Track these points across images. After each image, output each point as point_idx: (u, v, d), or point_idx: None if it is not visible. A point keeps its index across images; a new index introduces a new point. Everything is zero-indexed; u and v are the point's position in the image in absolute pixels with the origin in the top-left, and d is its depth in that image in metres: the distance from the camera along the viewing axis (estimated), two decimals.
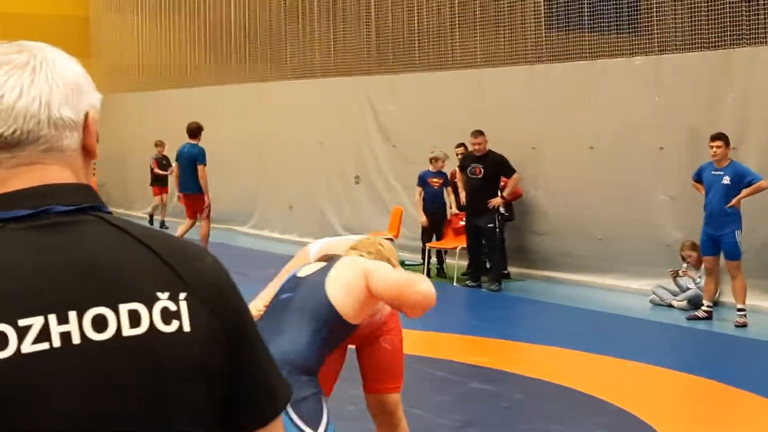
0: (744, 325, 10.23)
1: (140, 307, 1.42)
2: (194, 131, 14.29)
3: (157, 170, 19.56)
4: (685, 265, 11.51)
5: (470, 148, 12.97)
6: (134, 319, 1.41)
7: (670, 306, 11.40)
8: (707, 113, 11.47)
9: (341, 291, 4.07)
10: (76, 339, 1.38)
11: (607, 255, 12.61)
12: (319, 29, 17.69)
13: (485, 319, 10.85)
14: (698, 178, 10.48)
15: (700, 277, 11.34)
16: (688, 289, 11.39)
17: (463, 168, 13.05)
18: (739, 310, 10.32)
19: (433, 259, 14.05)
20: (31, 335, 1.35)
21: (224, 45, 20.21)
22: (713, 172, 10.28)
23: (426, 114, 15.00)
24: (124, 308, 1.41)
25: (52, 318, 1.37)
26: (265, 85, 18.77)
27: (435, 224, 13.86)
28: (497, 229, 12.72)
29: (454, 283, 13.11)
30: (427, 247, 13.76)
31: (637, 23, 12.68)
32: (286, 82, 18.29)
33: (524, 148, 13.19)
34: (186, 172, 14.22)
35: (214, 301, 1.48)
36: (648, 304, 11.59)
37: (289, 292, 4.23)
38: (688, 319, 10.52)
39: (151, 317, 1.42)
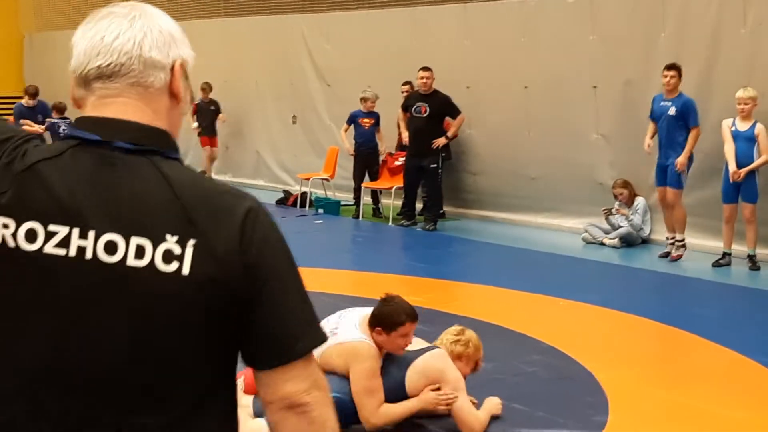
0: (679, 258, 10.43)
1: (147, 244, 1.64)
2: None
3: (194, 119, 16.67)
4: (617, 203, 11.65)
5: (416, 84, 12.86)
6: (140, 252, 1.64)
7: (602, 244, 11.55)
8: (640, 51, 11.54)
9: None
10: (88, 254, 1.64)
11: (541, 194, 12.70)
12: None
13: (420, 258, 10.90)
14: (652, 113, 10.59)
15: (632, 214, 11.49)
16: (620, 227, 11.53)
17: (407, 107, 12.95)
18: (678, 240, 10.51)
19: (368, 199, 14.05)
20: (55, 240, 1.65)
21: None
22: (662, 103, 10.45)
23: (361, 53, 14.90)
24: (134, 241, 1.64)
25: (75, 231, 1.64)
26: (197, 22, 18.45)
27: (366, 164, 13.83)
28: (439, 170, 12.72)
29: (390, 223, 13.13)
30: (362, 187, 13.75)
31: None
32: (220, 19, 18.02)
33: (459, 87, 13.17)
34: None
35: (228, 251, 1.65)
36: (580, 243, 11.72)
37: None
38: (661, 256, 10.67)
39: (153, 254, 1.63)
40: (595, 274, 10.12)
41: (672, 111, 10.30)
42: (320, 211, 14.14)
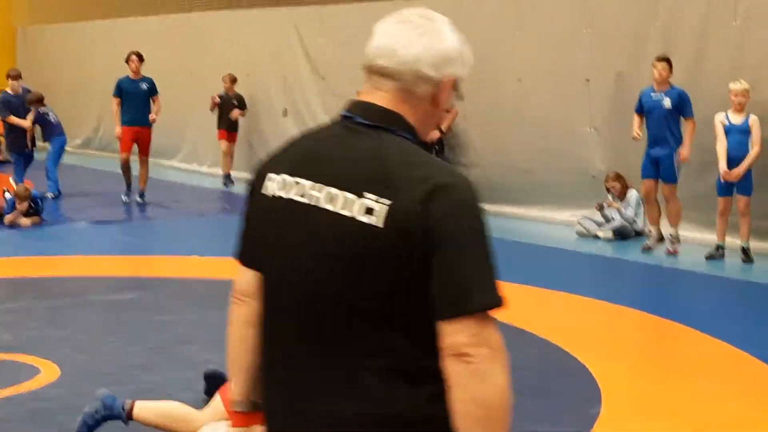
0: (675, 253, 10.42)
1: (354, 198, 2.05)
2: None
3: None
4: (609, 196, 11.66)
5: None
6: (347, 204, 2.06)
7: (596, 237, 11.56)
8: (632, 44, 11.54)
9: None
10: (315, 202, 2.10)
11: (534, 187, 12.70)
12: None
13: None
14: (640, 107, 10.56)
15: (624, 207, 11.51)
16: (613, 219, 11.55)
17: None
18: (672, 236, 10.50)
19: None
20: (299, 190, 2.13)
21: None
22: (653, 95, 10.39)
23: (355, 46, 14.85)
24: (345, 195, 2.06)
25: (310, 183, 2.12)
26: (191, 15, 18.44)
27: None
28: None
29: None
30: None
31: None
32: (213, 12, 17.99)
33: None
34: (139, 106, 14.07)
35: (416, 214, 1.99)
36: (574, 235, 11.73)
37: None
38: (643, 250, 10.66)
39: (356, 207, 2.04)
40: (589, 267, 10.14)
41: (667, 103, 10.29)
42: None
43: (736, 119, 10.00)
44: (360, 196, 2.05)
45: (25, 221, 11.94)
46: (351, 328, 2.07)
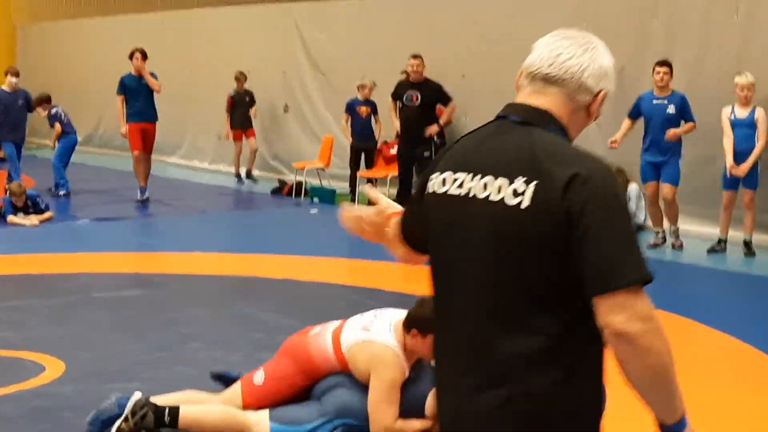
0: (681, 246, 10.45)
1: (505, 183, 2.25)
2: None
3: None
4: None
5: (409, 70, 12.84)
6: (499, 189, 2.26)
7: None
8: (633, 39, 11.54)
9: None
10: (472, 192, 2.32)
11: None
12: None
13: None
14: (636, 111, 10.54)
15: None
16: None
17: (398, 96, 12.94)
18: (674, 231, 10.54)
19: (363, 188, 14.06)
20: (457, 184, 2.36)
21: None
22: (655, 101, 10.36)
23: (355, 42, 14.88)
24: (497, 181, 2.27)
25: (468, 176, 2.34)
26: (190, 12, 18.44)
27: (363, 152, 13.83)
28: (432, 158, 12.71)
29: None
30: (357, 176, 13.75)
31: None
32: (213, 9, 17.99)
33: (455, 75, 13.17)
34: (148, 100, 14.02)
35: (558, 196, 2.17)
36: None
37: None
38: (649, 248, 10.64)
39: (506, 191, 2.24)
40: None
41: (671, 109, 10.26)
42: (315, 200, 14.15)
43: (742, 113, 9.99)
44: (510, 181, 2.25)
45: (33, 221, 11.87)
46: (502, 309, 2.26)
